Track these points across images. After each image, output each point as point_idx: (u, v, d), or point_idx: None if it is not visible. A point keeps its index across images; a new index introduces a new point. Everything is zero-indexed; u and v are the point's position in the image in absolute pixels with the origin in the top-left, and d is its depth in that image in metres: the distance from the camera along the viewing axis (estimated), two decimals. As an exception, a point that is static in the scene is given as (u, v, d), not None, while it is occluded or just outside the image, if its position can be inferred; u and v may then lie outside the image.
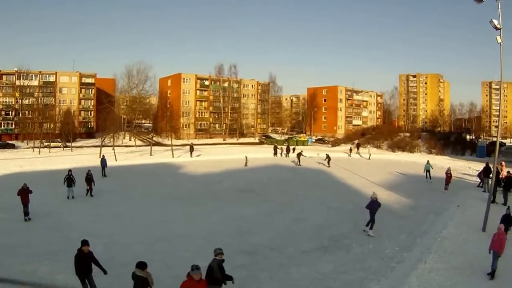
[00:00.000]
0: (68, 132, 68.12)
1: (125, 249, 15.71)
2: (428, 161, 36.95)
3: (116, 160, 47.17)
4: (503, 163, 30.89)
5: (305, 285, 12.80)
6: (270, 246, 16.26)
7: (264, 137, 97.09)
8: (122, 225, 19.72)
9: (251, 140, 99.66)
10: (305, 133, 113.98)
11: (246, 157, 45.72)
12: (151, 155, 55.19)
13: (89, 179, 26.69)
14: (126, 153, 57.35)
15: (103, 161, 36.87)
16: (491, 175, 28.91)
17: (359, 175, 37.19)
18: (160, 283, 9.98)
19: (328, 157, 45.36)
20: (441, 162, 45.14)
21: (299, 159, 46.30)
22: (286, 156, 51.29)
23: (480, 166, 34.57)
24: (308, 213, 22.73)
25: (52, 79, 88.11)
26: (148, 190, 29.52)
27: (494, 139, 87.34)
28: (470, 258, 14.46)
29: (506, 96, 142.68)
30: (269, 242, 16.88)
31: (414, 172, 38.60)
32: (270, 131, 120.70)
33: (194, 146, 56.54)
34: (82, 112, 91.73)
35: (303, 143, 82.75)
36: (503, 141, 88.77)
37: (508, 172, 26.14)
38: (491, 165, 28.94)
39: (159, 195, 27.54)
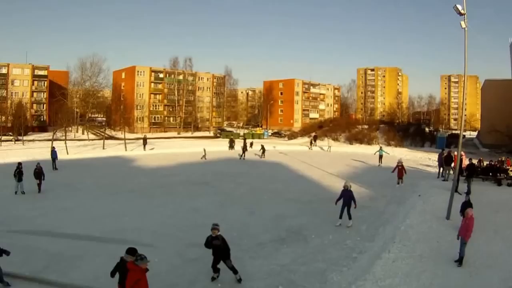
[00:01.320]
0: (20, 125, 66.80)
1: (73, 244, 15.14)
2: (380, 147, 42.99)
3: (67, 153, 46.09)
4: (463, 153, 31.38)
5: (262, 277, 12.28)
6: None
7: (219, 131, 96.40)
8: (71, 218, 18.86)
9: (206, 134, 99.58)
10: (261, 126, 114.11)
11: (204, 150, 44.89)
12: (103, 148, 54.40)
13: (38, 173, 25.07)
14: (79, 147, 56.27)
15: (54, 153, 35.94)
16: (452, 164, 29.50)
17: (317, 167, 37.06)
18: (108, 279, 9.23)
19: (262, 148, 46.41)
20: (400, 154, 45.65)
21: (244, 152, 45.51)
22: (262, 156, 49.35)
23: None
24: (264, 205, 22.24)
25: (4, 71, 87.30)
26: (98, 183, 28.53)
27: (453, 131, 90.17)
28: (435, 246, 14.28)
29: (466, 89, 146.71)
30: (223, 234, 16.12)
31: (373, 164, 38.94)
32: (225, 124, 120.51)
33: (148, 140, 55.26)
34: (35, 105, 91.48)
35: (259, 136, 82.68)
36: (463, 133, 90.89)
37: (470, 159, 26.57)
38: (452, 154, 29.50)
39: (110, 188, 26.62)
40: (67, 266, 12.74)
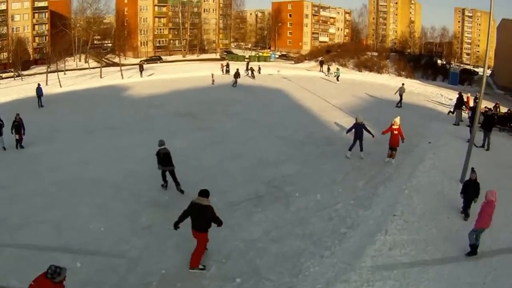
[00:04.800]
0: (19, 61, 63.34)
1: (24, 204, 12.68)
2: (338, 68, 48.36)
3: (61, 86, 42.92)
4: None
5: (219, 261, 9.48)
6: (190, 196, 11.49)
7: (225, 53, 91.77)
8: (32, 171, 16.15)
9: (212, 56, 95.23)
10: (269, 48, 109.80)
11: (212, 75, 41.71)
12: (101, 77, 51.33)
13: (17, 126, 19.64)
14: (77, 77, 52.93)
15: (39, 90, 32.35)
16: (463, 107, 25.59)
17: (320, 96, 33.54)
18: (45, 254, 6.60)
19: (251, 70, 46.60)
20: (411, 86, 41.15)
21: (236, 79, 39.41)
22: (251, 77, 45.49)
23: (453, 95, 31.53)
24: (250, 145, 19.21)
25: (3, 6, 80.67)
26: (79, 121, 25.66)
27: (466, 66, 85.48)
28: (445, 225, 10.93)
29: (480, 25, 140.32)
30: (191, 189, 12.26)
31: (381, 96, 35.05)
32: (233, 46, 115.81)
33: (149, 64, 51.53)
34: (37, 38, 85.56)
35: (265, 59, 78.27)
36: (475, 69, 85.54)
37: (489, 109, 21.85)
38: (464, 95, 25.89)
39: (89, 126, 23.97)
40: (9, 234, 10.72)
